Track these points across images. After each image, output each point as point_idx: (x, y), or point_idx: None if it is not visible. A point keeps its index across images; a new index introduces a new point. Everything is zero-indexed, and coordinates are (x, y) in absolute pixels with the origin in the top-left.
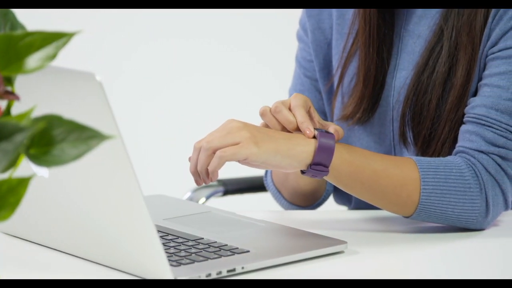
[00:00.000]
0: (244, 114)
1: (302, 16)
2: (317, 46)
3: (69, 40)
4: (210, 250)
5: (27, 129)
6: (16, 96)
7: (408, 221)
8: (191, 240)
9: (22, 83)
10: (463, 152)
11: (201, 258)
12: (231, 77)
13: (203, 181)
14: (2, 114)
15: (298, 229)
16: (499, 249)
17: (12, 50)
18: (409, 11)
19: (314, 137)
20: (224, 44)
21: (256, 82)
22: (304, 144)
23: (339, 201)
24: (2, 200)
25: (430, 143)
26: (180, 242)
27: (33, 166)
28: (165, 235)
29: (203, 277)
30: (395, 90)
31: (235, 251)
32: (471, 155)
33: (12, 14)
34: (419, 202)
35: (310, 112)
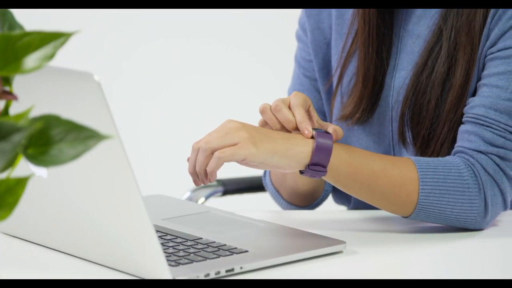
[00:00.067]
0: (244, 114)
1: (301, 16)
2: (316, 46)
3: (67, 40)
4: (208, 250)
5: (25, 129)
6: (14, 96)
7: (407, 221)
8: (189, 240)
9: (20, 83)
10: (462, 152)
11: (200, 258)
12: (231, 77)
13: (201, 181)
14: (0, 114)
15: (297, 229)
16: (499, 249)
17: (10, 50)
18: (408, 11)
19: (312, 137)
20: (224, 44)
21: (256, 82)
22: (302, 145)
23: (338, 201)
24: (0, 200)
25: (429, 143)
26: (179, 242)
27: (31, 166)
28: (164, 235)
29: (202, 277)
30: (394, 90)
31: (233, 251)
32: (470, 155)
33: (10, 14)
34: (417, 202)
35: (309, 111)
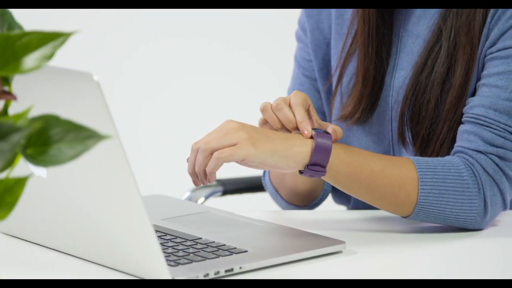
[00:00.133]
0: (243, 114)
1: (301, 16)
2: (316, 46)
3: (66, 40)
4: (208, 250)
5: (24, 129)
6: (13, 96)
7: (407, 221)
8: (189, 240)
9: (20, 83)
10: (461, 152)
11: (199, 258)
12: (231, 77)
13: (201, 182)
14: None
15: (296, 229)
16: (498, 249)
17: (9, 50)
18: (408, 11)
19: (311, 137)
20: (224, 44)
21: (256, 82)
22: (301, 145)
23: (338, 201)
24: None
25: (428, 143)
26: (178, 242)
27: (31, 166)
28: (163, 235)
29: (201, 277)
30: (394, 90)
31: (233, 251)
32: (470, 155)
33: (10, 14)
34: (417, 202)
35: (309, 110)
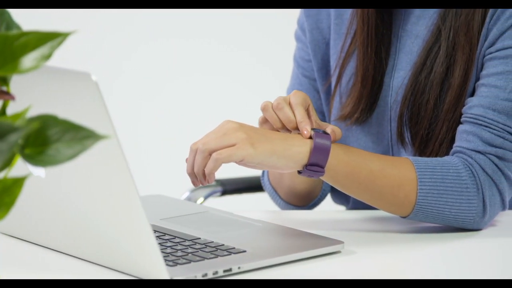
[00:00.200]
0: (243, 114)
1: (300, 16)
2: (315, 46)
3: (64, 40)
4: (206, 250)
5: (22, 129)
6: (12, 96)
7: (405, 221)
8: (188, 240)
9: (18, 83)
10: (460, 152)
11: (198, 258)
12: (231, 77)
13: (200, 182)
14: None
15: (295, 229)
16: (497, 249)
17: (7, 50)
18: (407, 11)
19: (310, 137)
20: (224, 44)
21: (256, 82)
22: (300, 145)
23: (337, 201)
24: None
25: (427, 143)
26: (177, 242)
27: (29, 166)
28: (162, 235)
29: (199, 277)
30: (393, 90)
31: (231, 251)
32: (468, 155)
33: (8, 14)
34: (416, 202)
35: (308, 110)
